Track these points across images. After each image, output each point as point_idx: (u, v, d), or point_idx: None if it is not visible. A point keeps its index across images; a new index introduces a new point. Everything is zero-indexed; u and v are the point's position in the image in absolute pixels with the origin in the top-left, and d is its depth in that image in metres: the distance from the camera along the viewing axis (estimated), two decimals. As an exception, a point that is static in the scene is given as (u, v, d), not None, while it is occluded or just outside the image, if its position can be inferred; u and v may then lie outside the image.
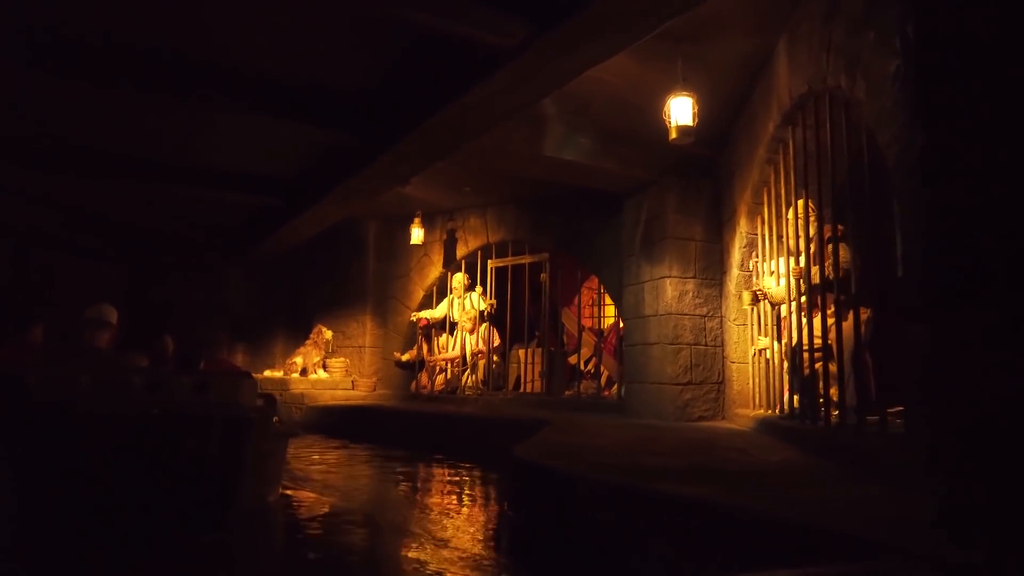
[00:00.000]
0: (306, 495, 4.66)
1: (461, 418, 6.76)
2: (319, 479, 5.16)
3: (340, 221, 7.96)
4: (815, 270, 4.30)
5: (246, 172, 6.96)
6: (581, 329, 9.85)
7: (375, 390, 8.73)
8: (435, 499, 4.61)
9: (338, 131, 5.37)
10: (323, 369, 8.74)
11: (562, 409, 7.02)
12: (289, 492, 4.46)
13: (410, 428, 7.03)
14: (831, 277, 4.19)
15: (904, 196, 2.60)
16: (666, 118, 4.40)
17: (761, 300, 4.89)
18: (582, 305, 10.49)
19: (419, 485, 5.27)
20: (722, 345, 6.01)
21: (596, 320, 9.62)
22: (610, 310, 10.22)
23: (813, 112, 3.95)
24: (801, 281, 4.41)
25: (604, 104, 5.21)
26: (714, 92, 4.79)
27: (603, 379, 8.68)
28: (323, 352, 8.77)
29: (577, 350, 8.64)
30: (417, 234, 8.11)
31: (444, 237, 8.55)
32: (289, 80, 5.02)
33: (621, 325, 9.17)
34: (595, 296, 9.70)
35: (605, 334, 9.34)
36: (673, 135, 4.33)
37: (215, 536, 3.18)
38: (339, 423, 7.70)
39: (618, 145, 5.86)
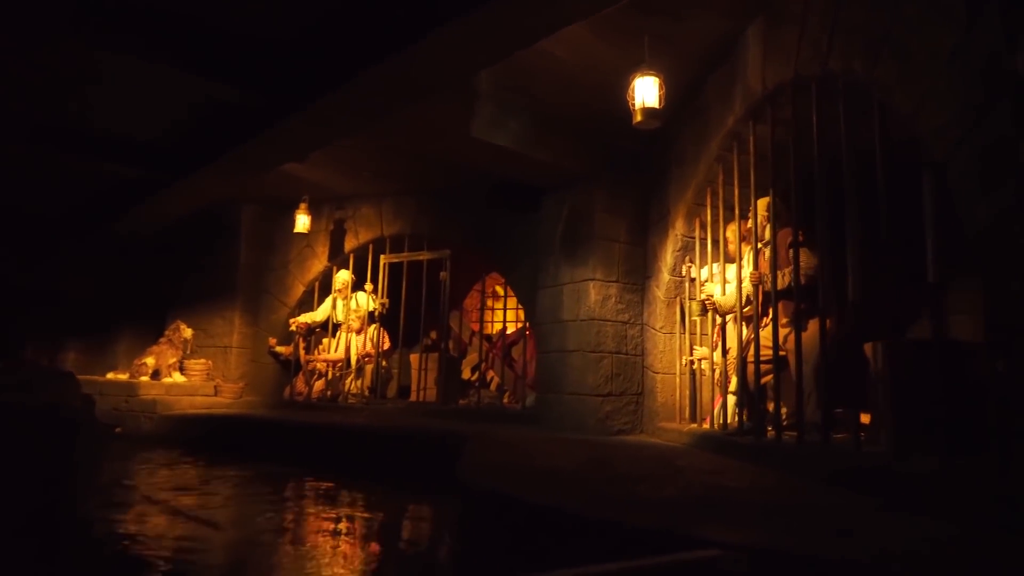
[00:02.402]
0: (154, 523, 3.76)
1: (350, 430, 5.93)
2: (168, 503, 4.23)
3: (209, 202, 6.89)
4: (771, 277, 4.04)
5: (97, 130, 5.74)
6: (472, 334, 9.32)
7: (242, 396, 7.65)
8: (321, 537, 3.65)
9: (234, 86, 4.46)
10: (180, 372, 7.54)
11: (463, 420, 6.40)
12: (130, 524, 3.55)
13: (287, 442, 6.11)
14: (792, 284, 3.94)
15: (967, 194, 2.28)
16: (630, 99, 3.97)
17: (710, 309, 4.57)
18: (469, 308, 9.95)
19: (297, 515, 4.24)
20: (642, 354, 5.68)
21: (487, 324, 9.16)
22: (500, 314, 9.79)
23: (791, 103, 3.65)
24: (760, 288, 4.13)
25: (548, 83, 4.70)
26: (666, 79, 4.43)
27: (492, 387, 8.19)
28: (181, 352, 7.57)
29: (484, 356, 8.06)
30: (303, 221, 7.18)
31: (331, 227, 7.67)
32: (170, 13, 4.07)
33: (510, 331, 8.78)
34: (483, 299, 9.22)
35: (494, 339, 8.86)
36: (638, 117, 3.91)
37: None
38: (199, 435, 6.62)
39: (554, 132, 5.38)
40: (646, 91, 3.85)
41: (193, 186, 6.09)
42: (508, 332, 8.67)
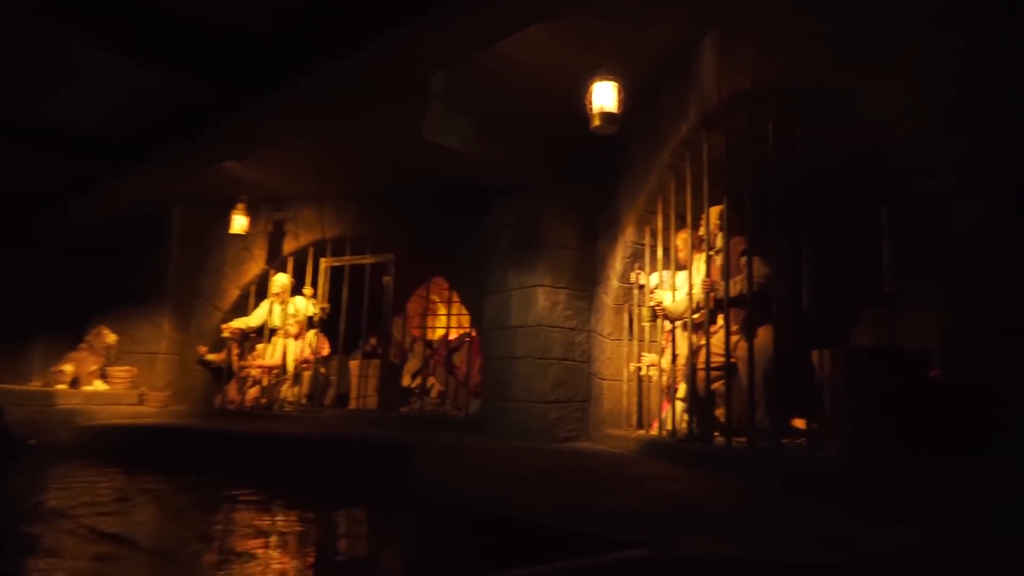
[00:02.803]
0: (67, 542, 3.46)
1: (287, 439, 5.69)
2: (84, 519, 3.92)
3: (141, 200, 6.53)
4: (723, 285, 4.07)
5: (23, 118, 5.36)
6: (414, 340, 9.16)
7: (169, 406, 7.27)
8: (251, 553, 3.22)
9: (180, 77, 4.22)
10: (102, 380, 7.10)
11: (405, 428, 6.25)
12: (40, 543, 3.27)
13: (218, 452, 5.81)
14: (745, 292, 3.99)
15: (942, 202, 2.33)
16: (588, 103, 3.95)
17: (660, 316, 4.58)
18: (411, 314, 9.77)
19: (226, 530, 3.83)
20: (589, 361, 5.67)
21: (429, 330, 9.00)
22: (441, 320, 9.65)
23: (746, 113, 3.70)
24: (711, 295, 4.16)
25: (502, 86, 4.64)
26: (620, 86, 4.44)
27: (433, 394, 8.05)
28: (103, 359, 7.13)
29: (425, 363, 7.90)
30: (240, 222, 6.88)
31: (270, 229, 7.38)
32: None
33: (453, 336, 8.65)
34: (425, 304, 9.07)
35: (436, 346, 8.73)
36: (596, 122, 3.89)
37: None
38: (122, 446, 6.22)
39: (505, 136, 5.31)
40: (605, 96, 3.84)
41: (128, 182, 5.75)
42: (450, 338, 8.56)
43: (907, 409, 3.16)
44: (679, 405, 4.65)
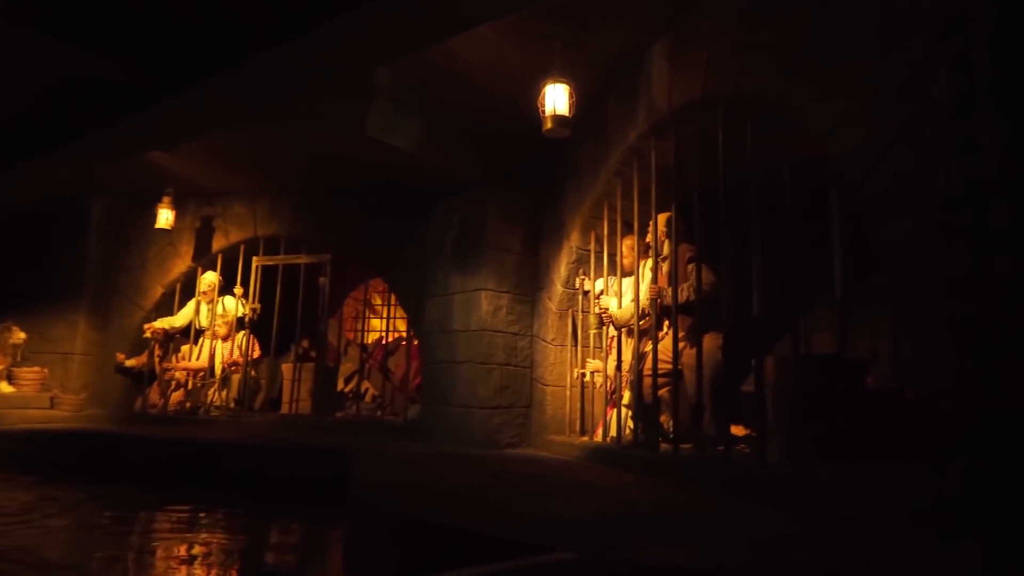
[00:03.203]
0: None
1: (214, 446, 5.41)
2: None
3: (57, 189, 6.12)
4: (670, 292, 4.09)
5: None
6: (348, 343, 8.94)
7: (84, 409, 6.83)
8: (171, 570, 3.07)
9: (103, 58, 3.95)
10: (8, 381, 6.62)
11: (342, 434, 6.05)
12: None
13: (138, 459, 5.47)
14: (692, 299, 4.01)
15: (879, 215, 2.37)
16: (540, 106, 3.90)
17: (607, 323, 4.56)
18: (346, 316, 9.53)
19: (144, 545, 3.61)
20: (532, 366, 5.62)
21: (364, 333, 8.78)
22: (376, 323, 9.44)
23: (696, 121, 3.72)
24: (658, 302, 4.17)
25: (450, 84, 4.54)
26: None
27: (368, 398, 7.86)
28: (10, 359, 6.65)
29: (361, 367, 7.70)
30: (166, 217, 6.54)
31: (198, 225, 7.05)
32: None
33: (387, 341, 8.46)
34: (361, 307, 8.85)
35: (371, 349, 8.53)
36: (548, 125, 3.84)
37: None
38: (30, 453, 5.80)
39: (450, 136, 5.22)
40: (557, 98, 3.80)
41: (42, 170, 5.36)
42: (385, 341, 8.37)
43: (845, 415, 3.25)
44: (624, 412, 4.65)
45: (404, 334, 8.10)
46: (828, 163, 2.79)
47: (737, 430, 4.58)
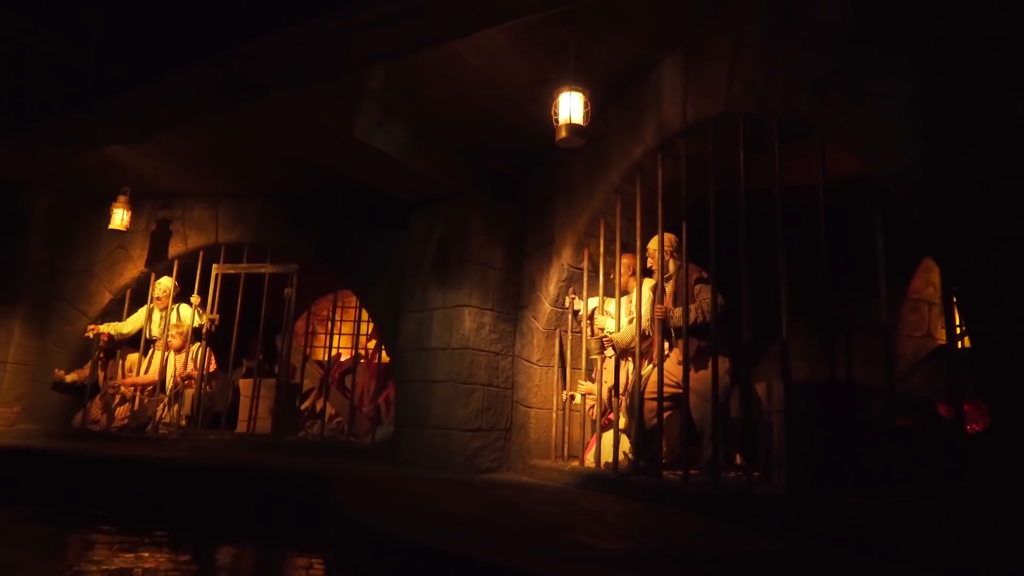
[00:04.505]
0: None
1: (164, 466, 4.94)
2: None
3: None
4: (677, 312, 3.96)
5: None
6: (305, 359, 8.52)
7: (17, 424, 6.25)
8: None
9: (65, 36, 3.59)
10: (-70, 391, 6.00)
11: (307, 455, 5.69)
12: None
13: (77, 480, 4.99)
14: (700, 320, 3.88)
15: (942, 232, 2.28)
16: (554, 114, 3.73)
17: (608, 347, 4.38)
18: (299, 332, 9.10)
19: None
20: (513, 387, 5.39)
21: (319, 349, 8.39)
22: (336, 338, 9.03)
23: (711, 138, 3.61)
24: (663, 323, 4.02)
25: (445, 89, 4.32)
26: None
27: (326, 418, 7.47)
28: (-66, 366, 6.04)
29: (320, 384, 7.31)
30: (121, 217, 6.09)
31: (154, 228, 6.60)
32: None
33: (345, 357, 8.08)
34: (315, 322, 8.47)
35: (328, 366, 8.14)
36: (562, 134, 3.67)
37: None
38: (-45, 471, 5.23)
39: (438, 144, 5.00)
40: (573, 107, 3.63)
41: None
42: (342, 359, 7.98)
43: (860, 441, 3.17)
44: (610, 435, 4.47)
45: (363, 351, 7.74)
46: (869, 182, 2.70)
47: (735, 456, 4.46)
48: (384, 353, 7.53)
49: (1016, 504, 1.93)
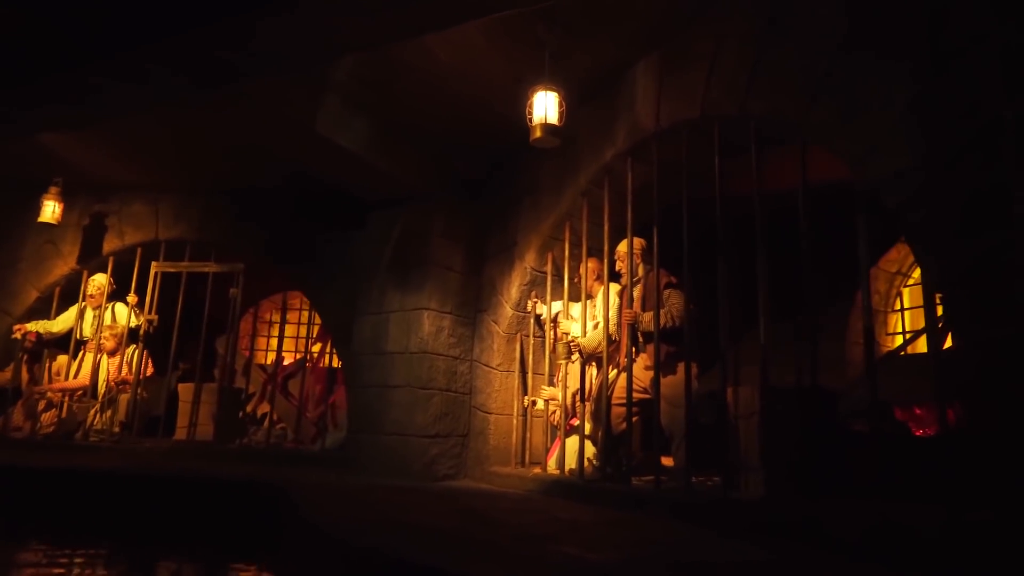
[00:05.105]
0: None
1: (105, 478, 4.62)
2: None
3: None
4: (647, 317, 3.93)
5: None
6: (246, 363, 8.18)
7: (-72, 431, 5.75)
8: None
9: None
10: None
11: (253, 463, 5.41)
12: None
13: (7, 494, 4.61)
14: (669, 325, 3.86)
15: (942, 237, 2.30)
16: (528, 114, 3.65)
17: (575, 352, 4.31)
18: (243, 334, 8.75)
19: None
20: (471, 392, 5.28)
21: (259, 353, 8.08)
22: (274, 342, 8.71)
23: (686, 142, 3.61)
24: (630, 328, 3.98)
25: (414, 84, 4.20)
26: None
27: (266, 424, 7.18)
28: None
29: (263, 389, 7.01)
30: (52, 210, 5.68)
31: (87, 222, 6.20)
32: None
33: (288, 361, 7.80)
34: (262, 324, 8.17)
35: (271, 370, 7.85)
36: (537, 134, 3.59)
37: None
38: None
39: (403, 142, 4.86)
40: (549, 106, 3.56)
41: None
42: (285, 363, 7.69)
43: (828, 445, 3.19)
44: (573, 441, 4.41)
45: (306, 355, 7.47)
46: (856, 187, 2.72)
47: (667, 461, 4.43)
48: (330, 357, 7.31)
49: (1016, 504, 1.95)
